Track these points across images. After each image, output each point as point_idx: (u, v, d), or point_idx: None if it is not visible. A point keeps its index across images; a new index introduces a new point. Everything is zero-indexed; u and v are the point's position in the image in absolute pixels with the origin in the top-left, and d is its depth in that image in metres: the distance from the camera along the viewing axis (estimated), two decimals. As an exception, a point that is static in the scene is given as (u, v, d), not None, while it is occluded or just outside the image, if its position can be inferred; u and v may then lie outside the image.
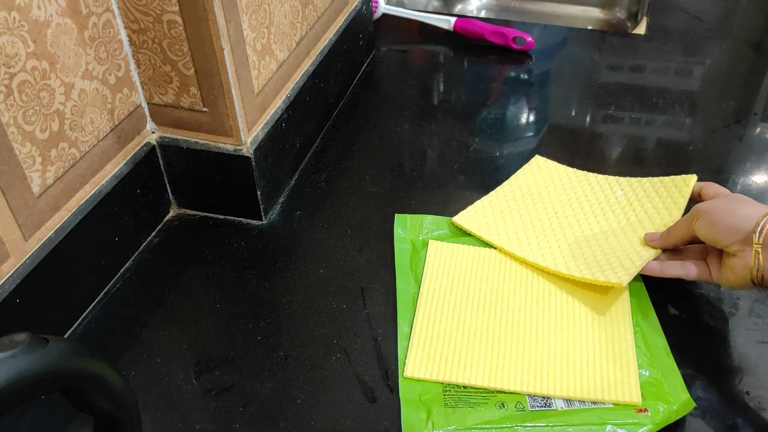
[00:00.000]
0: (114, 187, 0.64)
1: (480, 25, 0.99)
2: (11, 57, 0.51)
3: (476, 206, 0.72)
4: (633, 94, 0.90)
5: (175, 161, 0.70)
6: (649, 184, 0.71)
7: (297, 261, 0.68)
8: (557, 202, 0.72)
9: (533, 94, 0.92)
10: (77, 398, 0.38)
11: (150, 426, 0.55)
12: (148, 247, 0.70)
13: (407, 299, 0.63)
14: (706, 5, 1.09)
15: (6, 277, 0.55)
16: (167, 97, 0.66)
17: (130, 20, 0.61)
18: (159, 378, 0.58)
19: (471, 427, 0.53)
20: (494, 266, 0.66)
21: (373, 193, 0.76)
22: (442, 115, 0.88)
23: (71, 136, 0.59)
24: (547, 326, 0.60)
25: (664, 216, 0.67)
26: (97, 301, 0.65)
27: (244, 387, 0.57)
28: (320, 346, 0.60)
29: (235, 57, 0.63)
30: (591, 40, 1.02)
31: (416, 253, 0.67)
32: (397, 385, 0.56)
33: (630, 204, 0.70)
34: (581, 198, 0.72)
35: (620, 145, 0.83)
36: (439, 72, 0.98)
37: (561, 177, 0.76)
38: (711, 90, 0.91)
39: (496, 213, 0.71)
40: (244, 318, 0.63)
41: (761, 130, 0.84)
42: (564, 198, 0.73)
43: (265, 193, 0.72)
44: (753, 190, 0.75)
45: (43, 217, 0.58)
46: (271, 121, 0.71)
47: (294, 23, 0.74)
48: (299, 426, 0.55)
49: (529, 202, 0.73)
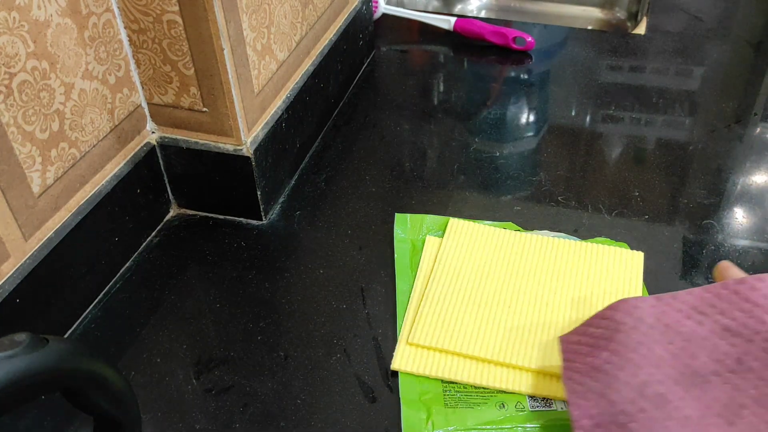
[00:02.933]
0: (114, 187, 0.64)
1: (480, 25, 0.99)
2: (11, 57, 0.51)
3: (423, 314, 0.61)
4: (633, 94, 0.90)
5: (175, 161, 0.70)
6: (590, 252, 0.66)
7: (297, 261, 0.68)
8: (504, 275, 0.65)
9: (533, 94, 0.92)
10: (77, 398, 0.38)
11: (150, 426, 0.55)
12: (148, 247, 0.70)
13: (407, 299, 0.63)
14: (706, 5, 1.09)
15: (6, 277, 0.55)
16: (167, 97, 0.66)
17: (130, 20, 0.61)
18: (159, 378, 0.58)
19: (471, 427, 0.53)
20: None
21: (373, 193, 0.76)
22: (442, 115, 0.88)
23: (71, 136, 0.59)
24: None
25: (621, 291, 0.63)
26: (97, 301, 0.65)
27: (244, 387, 0.57)
28: (320, 346, 0.60)
29: (235, 57, 0.63)
30: (591, 40, 1.02)
31: (416, 253, 0.67)
32: (397, 385, 0.57)
33: (581, 272, 0.64)
34: (529, 265, 0.65)
35: (620, 145, 0.83)
36: (439, 72, 0.98)
37: (489, 241, 0.68)
38: (711, 90, 0.91)
39: (448, 313, 0.61)
40: (244, 318, 0.63)
41: (761, 130, 0.84)
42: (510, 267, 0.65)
43: (265, 193, 0.72)
44: (753, 190, 0.75)
45: (43, 217, 0.58)
46: (271, 121, 0.71)
47: (294, 23, 0.74)
48: (299, 426, 0.55)
49: (473, 283, 0.64)
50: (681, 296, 0.51)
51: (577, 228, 0.71)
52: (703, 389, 0.47)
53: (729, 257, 0.67)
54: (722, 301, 0.49)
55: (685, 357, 0.48)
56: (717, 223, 0.71)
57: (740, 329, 0.48)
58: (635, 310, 0.51)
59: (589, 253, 0.66)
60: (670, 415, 0.46)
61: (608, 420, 0.47)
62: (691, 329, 0.49)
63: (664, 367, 0.48)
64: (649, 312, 0.50)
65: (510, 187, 0.76)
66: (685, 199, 0.74)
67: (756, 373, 0.46)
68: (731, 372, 0.47)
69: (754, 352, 0.47)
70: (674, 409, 0.46)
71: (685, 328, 0.49)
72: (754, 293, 0.48)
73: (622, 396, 0.47)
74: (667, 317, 0.50)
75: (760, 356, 0.47)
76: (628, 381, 0.48)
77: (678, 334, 0.49)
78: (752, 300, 0.48)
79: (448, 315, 0.60)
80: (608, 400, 0.48)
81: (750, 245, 0.68)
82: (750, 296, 0.48)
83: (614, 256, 0.66)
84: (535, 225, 0.71)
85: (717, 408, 0.46)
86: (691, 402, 0.47)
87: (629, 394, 0.47)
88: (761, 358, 0.47)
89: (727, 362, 0.47)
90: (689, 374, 0.48)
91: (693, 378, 0.47)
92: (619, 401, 0.47)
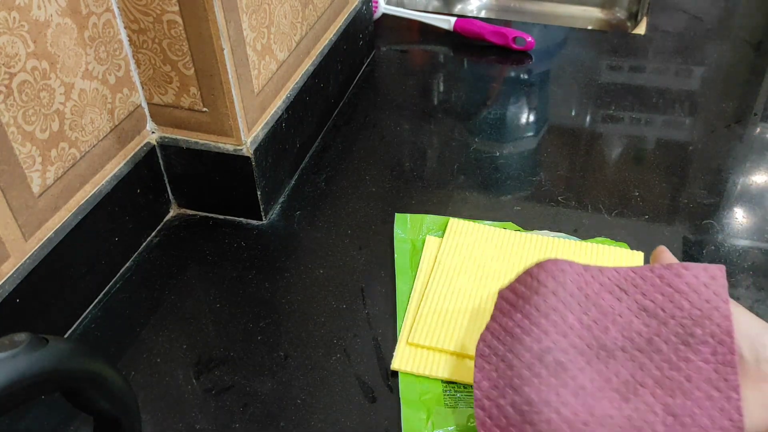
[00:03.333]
0: (114, 187, 0.64)
1: (480, 25, 0.99)
2: (11, 57, 0.51)
3: (423, 314, 0.61)
4: (633, 94, 0.90)
5: (175, 161, 0.70)
6: (590, 252, 0.66)
7: (297, 261, 0.68)
8: (504, 275, 0.64)
9: (533, 94, 0.92)
10: (77, 398, 0.38)
11: (150, 426, 0.55)
12: (148, 247, 0.70)
13: (407, 299, 0.63)
14: (706, 5, 1.09)
15: (6, 277, 0.55)
16: (167, 97, 0.66)
17: (130, 20, 0.61)
18: (159, 378, 0.58)
19: (471, 427, 0.53)
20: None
21: (373, 193, 0.76)
22: (442, 115, 0.88)
23: (71, 136, 0.59)
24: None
25: None
26: (97, 301, 0.65)
27: (244, 387, 0.57)
28: (320, 346, 0.60)
29: (235, 57, 0.63)
30: (591, 40, 1.02)
31: (416, 253, 0.67)
32: (397, 385, 0.57)
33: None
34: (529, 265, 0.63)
35: (620, 145, 0.83)
36: (439, 72, 0.98)
37: (489, 241, 0.68)
38: (711, 90, 0.91)
39: (448, 313, 0.61)
40: (244, 318, 0.63)
41: (761, 130, 0.84)
42: (510, 267, 0.65)
43: (265, 193, 0.72)
44: (753, 190, 0.75)
45: (43, 217, 0.58)
46: (271, 121, 0.71)
47: (294, 23, 0.74)
48: (299, 426, 0.55)
49: (473, 283, 0.64)
50: (608, 271, 0.52)
51: (577, 228, 0.71)
52: (607, 363, 0.48)
53: (729, 257, 0.67)
54: (646, 283, 0.50)
55: (597, 329, 0.49)
56: (717, 223, 0.71)
57: (657, 311, 0.49)
58: (560, 273, 0.51)
59: (589, 253, 0.66)
60: (565, 383, 0.47)
61: (504, 383, 0.48)
62: (610, 304, 0.50)
63: (572, 337, 0.49)
64: (573, 279, 0.51)
65: (510, 187, 0.76)
66: (685, 199, 0.74)
67: (663, 355, 0.48)
68: (639, 350, 0.48)
69: (665, 335, 0.48)
70: (571, 378, 0.47)
71: (604, 301, 0.50)
72: (677, 279, 0.49)
73: (522, 361, 0.48)
74: (589, 288, 0.51)
75: (671, 340, 0.48)
76: (531, 346, 0.48)
77: (595, 306, 0.50)
78: (674, 285, 0.49)
79: (448, 315, 0.60)
80: (508, 363, 0.49)
81: (750, 245, 0.68)
82: (673, 282, 0.49)
83: (614, 256, 0.66)
84: (535, 225, 0.71)
85: (616, 383, 0.47)
86: (590, 374, 0.48)
87: (530, 359, 0.48)
88: (671, 342, 0.48)
89: (637, 340, 0.48)
90: (597, 347, 0.49)
91: (599, 351, 0.48)
92: (518, 365, 0.48)
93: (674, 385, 0.47)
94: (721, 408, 0.45)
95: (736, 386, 0.46)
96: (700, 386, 0.46)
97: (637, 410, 0.46)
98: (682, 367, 0.47)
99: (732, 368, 0.46)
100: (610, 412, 0.46)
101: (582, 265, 0.52)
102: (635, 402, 0.47)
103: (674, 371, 0.47)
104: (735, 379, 0.46)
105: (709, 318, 0.48)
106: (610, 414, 0.46)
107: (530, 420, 0.46)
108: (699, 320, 0.48)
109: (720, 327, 0.47)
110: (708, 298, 0.48)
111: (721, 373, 0.46)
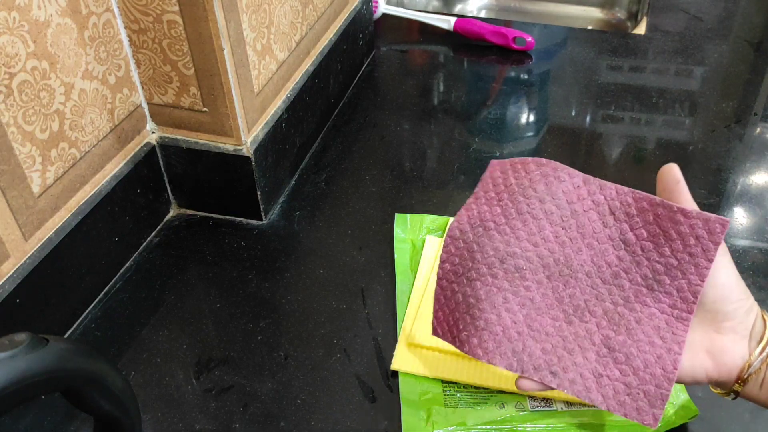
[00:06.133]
0: (114, 187, 0.64)
1: (480, 25, 0.99)
2: (11, 57, 0.51)
3: (423, 315, 0.60)
4: (633, 94, 0.90)
5: (175, 161, 0.70)
6: None
7: (297, 261, 0.68)
8: None
9: (533, 94, 0.92)
10: (77, 398, 0.38)
11: (150, 426, 0.55)
12: (148, 247, 0.70)
13: (407, 299, 0.63)
14: (706, 5, 1.09)
15: (6, 277, 0.55)
16: (167, 97, 0.66)
17: (130, 20, 0.61)
18: (159, 378, 0.58)
19: (471, 427, 0.53)
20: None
21: (373, 193, 0.76)
22: (442, 115, 0.88)
23: (71, 136, 0.59)
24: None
25: None
26: (97, 301, 0.65)
27: (244, 387, 0.57)
28: (320, 346, 0.60)
29: (235, 57, 0.63)
30: (591, 40, 1.02)
31: (416, 253, 0.67)
32: (397, 385, 0.57)
33: None
34: None
35: (620, 145, 0.83)
36: (439, 72, 0.98)
37: None
38: (711, 90, 0.91)
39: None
40: (244, 318, 0.63)
41: (761, 130, 0.84)
42: None
43: (265, 193, 0.72)
44: (753, 190, 0.75)
45: (43, 217, 0.58)
46: (271, 121, 0.71)
47: (294, 23, 0.74)
48: (299, 426, 0.55)
49: None
50: (608, 190, 0.49)
51: (577, 228, 0.71)
52: (566, 283, 0.48)
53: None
54: (639, 215, 0.48)
55: (570, 248, 0.48)
56: (717, 223, 0.71)
57: (636, 248, 0.47)
58: (555, 181, 0.49)
59: None
60: (517, 291, 0.47)
61: (463, 271, 0.49)
62: (593, 226, 0.48)
63: (542, 248, 0.48)
64: (567, 190, 0.49)
65: (510, 187, 0.76)
66: (685, 199, 0.74)
67: (623, 292, 0.47)
68: (602, 280, 0.48)
69: (633, 273, 0.47)
70: (524, 288, 0.48)
71: (589, 222, 0.48)
72: (670, 224, 0.46)
73: (485, 256, 0.48)
74: (579, 203, 0.49)
75: (636, 280, 0.47)
76: (498, 246, 0.48)
77: (578, 224, 0.49)
78: (665, 228, 0.47)
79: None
80: (472, 254, 0.49)
81: (750, 245, 0.68)
82: (665, 224, 0.47)
83: None
84: (535, 225, 0.71)
85: (567, 304, 0.47)
86: (545, 289, 0.48)
87: (492, 258, 0.48)
88: (636, 282, 0.47)
89: (604, 270, 0.48)
90: (563, 264, 0.48)
91: (563, 268, 0.48)
92: (480, 260, 0.48)
93: (622, 322, 0.46)
94: (659, 356, 0.45)
95: (682, 342, 0.45)
96: (646, 331, 0.46)
97: (575, 334, 0.47)
98: (636, 308, 0.47)
99: (684, 326, 0.45)
100: (548, 329, 0.47)
101: (583, 177, 0.49)
102: (577, 326, 0.47)
103: (627, 310, 0.47)
104: (683, 336, 0.45)
105: (683, 271, 0.46)
106: (547, 331, 0.47)
107: (472, 314, 0.47)
108: (672, 270, 0.46)
109: (690, 284, 0.46)
110: (693, 252, 0.46)
111: (671, 325, 0.46)
